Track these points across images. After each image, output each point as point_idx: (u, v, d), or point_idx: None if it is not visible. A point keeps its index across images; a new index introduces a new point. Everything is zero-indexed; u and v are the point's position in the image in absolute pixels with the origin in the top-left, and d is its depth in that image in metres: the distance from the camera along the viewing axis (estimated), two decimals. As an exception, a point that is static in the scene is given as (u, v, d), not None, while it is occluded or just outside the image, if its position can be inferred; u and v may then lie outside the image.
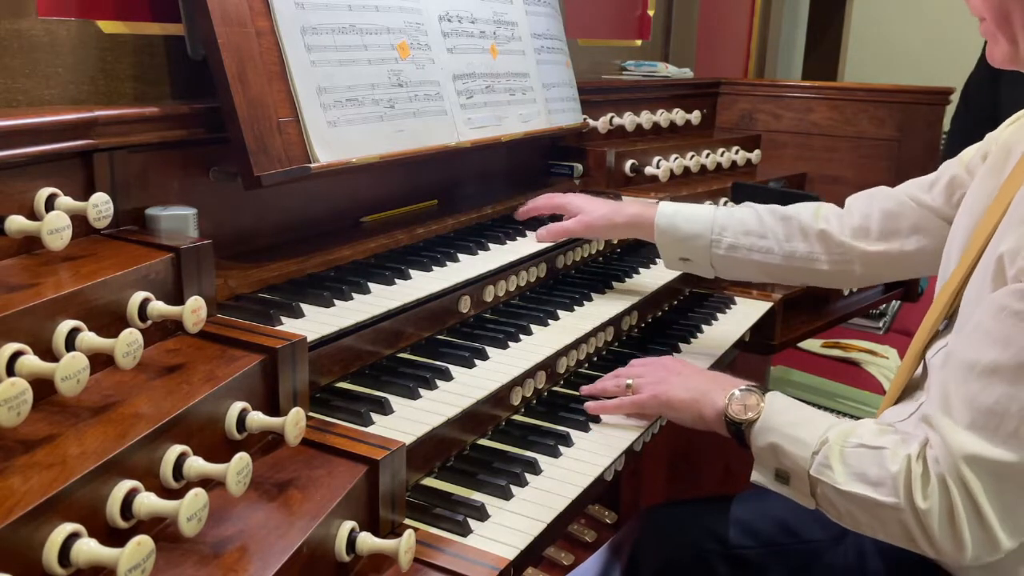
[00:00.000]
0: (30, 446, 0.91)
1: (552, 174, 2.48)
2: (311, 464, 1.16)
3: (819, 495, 1.31)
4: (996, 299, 1.16)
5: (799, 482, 1.33)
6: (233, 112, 1.42)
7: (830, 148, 3.07)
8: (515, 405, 1.56)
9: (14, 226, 1.12)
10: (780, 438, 1.35)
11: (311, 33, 1.57)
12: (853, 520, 1.29)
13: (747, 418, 1.40)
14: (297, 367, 1.25)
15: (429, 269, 1.68)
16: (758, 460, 1.40)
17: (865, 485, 1.25)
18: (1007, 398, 1.12)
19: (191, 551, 0.96)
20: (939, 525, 1.18)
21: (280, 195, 1.64)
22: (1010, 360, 1.12)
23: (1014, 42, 1.20)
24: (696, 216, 1.85)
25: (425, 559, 1.15)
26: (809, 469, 1.30)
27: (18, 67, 1.36)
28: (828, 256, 1.76)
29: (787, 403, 1.41)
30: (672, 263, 1.91)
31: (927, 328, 1.41)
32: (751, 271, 1.85)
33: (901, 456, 1.22)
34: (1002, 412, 1.13)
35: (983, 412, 1.14)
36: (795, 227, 1.78)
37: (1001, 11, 1.18)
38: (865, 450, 1.27)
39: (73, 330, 1.04)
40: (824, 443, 1.30)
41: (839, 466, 1.28)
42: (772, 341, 2.35)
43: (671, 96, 2.98)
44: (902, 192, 1.70)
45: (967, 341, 1.19)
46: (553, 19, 2.37)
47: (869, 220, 1.72)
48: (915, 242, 1.67)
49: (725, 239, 1.81)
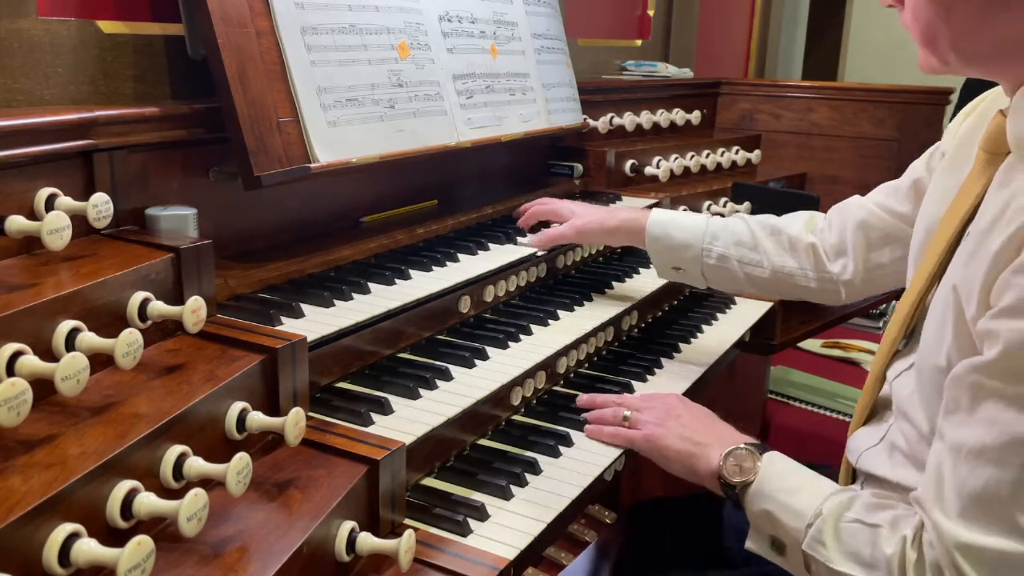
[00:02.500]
0: (30, 446, 0.92)
1: (552, 174, 2.48)
2: (311, 464, 1.16)
3: (813, 571, 1.25)
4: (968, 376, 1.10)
5: (794, 555, 1.27)
6: (233, 112, 1.42)
7: (830, 148, 3.07)
8: (515, 405, 1.56)
9: (14, 226, 1.12)
10: (774, 505, 1.29)
11: (311, 33, 1.57)
12: None
13: (741, 480, 1.33)
14: (297, 367, 1.25)
15: (429, 269, 1.68)
16: (753, 526, 1.34)
17: (859, 567, 1.19)
18: (995, 482, 1.06)
19: (191, 551, 0.96)
20: None
21: (280, 195, 1.64)
22: (995, 441, 1.07)
23: (944, 61, 1.16)
24: (689, 225, 1.82)
25: (425, 559, 1.15)
26: (802, 544, 1.24)
27: (18, 67, 1.36)
28: (816, 273, 1.73)
29: (785, 467, 1.34)
30: (664, 272, 1.88)
31: (886, 347, 1.36)
32: (742, 283, 1.81)
33: (896, 539, 1.17)
34: (991, 497, 1.07)
35: (973, 499, 1.08)
36: (785, 241, 1.76)
37: (928, 33, 1.15)
38: (860, 527, 1.21)
39: (73, 330, 1.04)
40: (819, 516, 1.23)
41: (833, 543, 1.21)
42: (772, 341, 2.35)
43: (671, 96, 2.99)
44: (870, 201, 1.67)
45: (949, 418, 1.13)
46: (553, 19, 2.37)
47: (844, 234, 1.69)
48: (888, 253, 1.64)
49: (715, 249, 1.78)
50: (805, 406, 3.49)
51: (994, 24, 1.10)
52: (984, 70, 1.18)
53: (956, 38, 1.13)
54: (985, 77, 1.22)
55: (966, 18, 1.11)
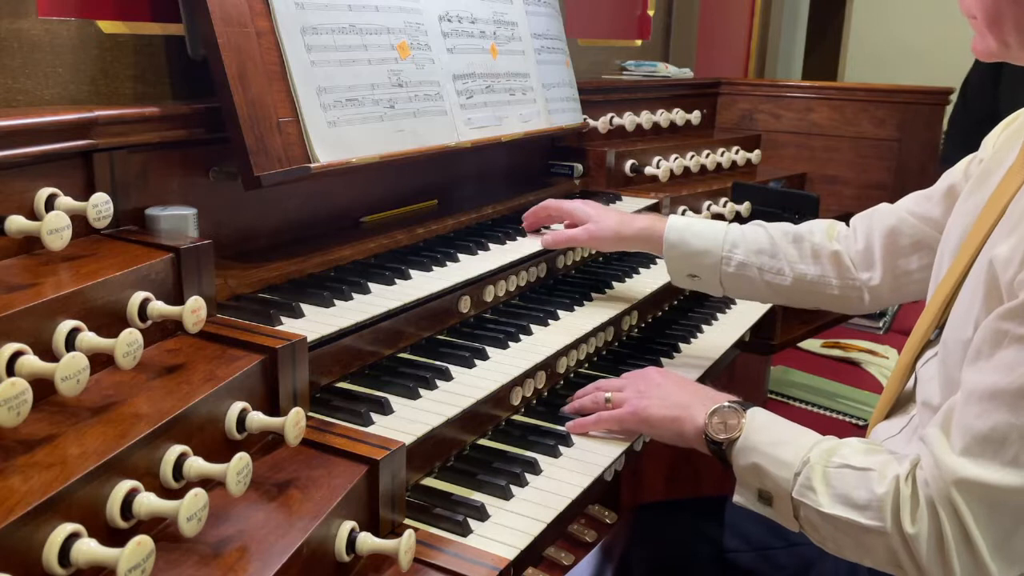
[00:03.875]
0: (30, 446, 0.92)
1: (552, 174, 2.48)
2: (311, 464, 1.16)
3: (802, 518, 1.26)
4: (995, 322, 1.11)
5: (782, 504, 1.28)
6: (233, 112, 1.42)
7: (830, 148, 3.07)
8: (515, 405, 1.56)
9: (14, 226, 1.12)
10: (761, 458, 1.29)
11: (311, 33, 1.57)
12: (836, 545, 1.24)
13: (727, 437, 1.34)
14: (297, 367, 1.26)
15: (429, 269, 1.68)
16: (740, 481, 1.35)
17: (849, 508, 1.19)
18: (1006, 425, 1.07)
19: (191, 551, 0.96)
20: (927, 552, 1.13)
21: (280, 195, 1.64)
22: (1010, 386, 1.08)
23: (1004, 43, 1.18)
24: (707, 232, 1.80)
25: (425, 559, 1.15)
26: (791, 491, 1.25)
27: (18, 67, 1.36)
28: (839, 280, 1.72)
29: (768, 420, 1.35)
30: (679, 279, 1.86)
31: (917, 338, 1.37)
32: (761, 291, 1.80)
33: (889, 477, 1.17)
34: (1000, 439, 1.08)
35: (979, 438, 1.10)
36: (807, 249, 1.74)
37: (993, 13, 1.17)
38: (850, 471, 1.22)
39: (73, 330, 1.04)
40: (806, 463, 1.25)
41: (822, 488, 1.22)
42: (772, 341, 2.35)
43: (671, 96, 2.99)
44: (902, 208, 1.66)
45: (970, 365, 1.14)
46: (553, 19, 2.37)
47: (871, 240, 1.68)
48: (917, 260, 1.63)
49: (736, 257, 1.76)
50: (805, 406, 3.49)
51: None
52: None
53: (1020, 16, 1.15)
54: None
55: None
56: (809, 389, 3.57)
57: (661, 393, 1.49)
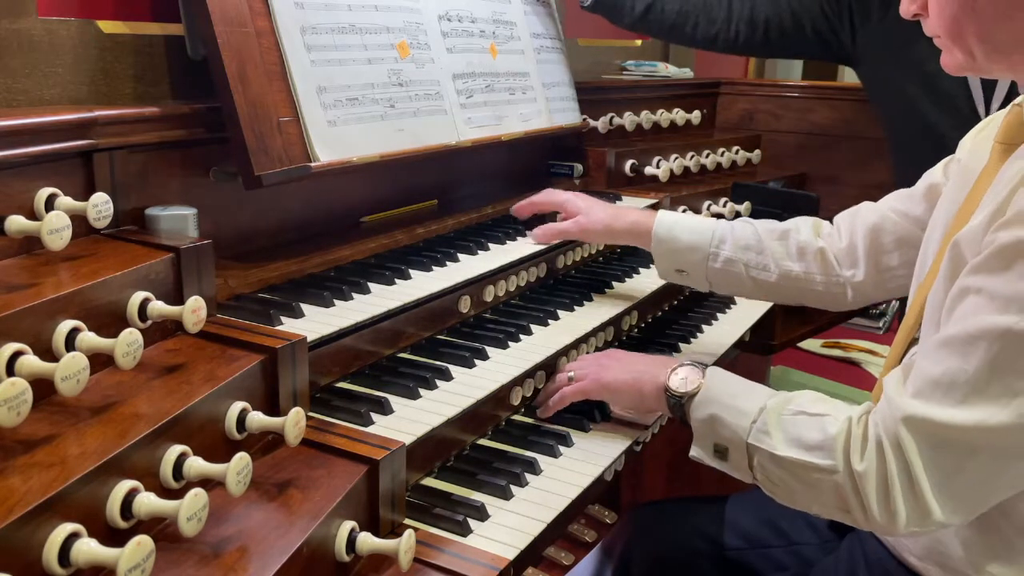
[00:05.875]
0: (30, 446, 0.92)
1: (552, 174, 2.48)
2: (311, 464, 1.16)
3: (756, 466, 1.29)
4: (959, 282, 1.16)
5: (737, 454, 1.32)
6: (233, 112, 1.42)
7: (830, 148, 3.06)
8: (515, 405, 1.56)
9: (14, 226, 1.12)
10: (719, 408, 1.34)
11: (311, 33, 1.57)
12: (787, 490, 1.28)
13: (688, 391, 1.39)
14: (297, 367, 1.26)
15: (429, 269, 1.68)
16: (697, 434, 1.39)
17: (802, 450, 1.23)
18: (956, 369, 1.11)
19: (191, 551, 0.96)
20: (874, 490, 1.16)
21: (280, 195, 1.64)
22: (961, 332, 1.12)
23: (970, 55, 1.20)
24: (695, 228, 1.82)
25: (425, 559, 1.15)
26: (747, 438, 1.29)
27: (18, 67, 1.36)
28: (824, 276, 1.74)
29: (727, 375, 1.42)
30: (667, 274, 1.88)
31: (903, 337, 1.38)
32: (746, 287, 1.82)
33: (842, 419, 1.21)
34: (949, 382, 1.12)
35: (930, 381, 1.14)
36: (793, 246, 1.76)
37: (954, 28, 1.19)
38: (805, 417, 1.26)
39: (73, 330, 1.04)
40: (763, 410, 1.29)
41: (777, 432, 1.26)
42: (772, 341, 2.35)
43: (671, 96, 2.98)
44: (884, 206, 1.68)
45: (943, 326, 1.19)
46: (551, 18, 2.38)
47: (855, 238, 1.70)
48: (899, 257, 1.65)
49: (723, 252, 1.78)
50: (805, 406, 3.49)
51: (1020, 11, 1.14)
52: (1008, 63, 1.21)
53: (982, 28, 1.17)
54: (1006, 73, 1.25)
55: (991, 7, 1.15)
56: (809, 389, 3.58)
57: (620, 363, 1.56)
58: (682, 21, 2.58)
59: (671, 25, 2.59)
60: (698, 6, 2.57)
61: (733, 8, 2.57)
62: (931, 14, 1.22)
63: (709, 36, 2.60)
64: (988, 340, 1.09)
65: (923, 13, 1.24)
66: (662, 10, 2.56)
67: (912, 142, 2.40)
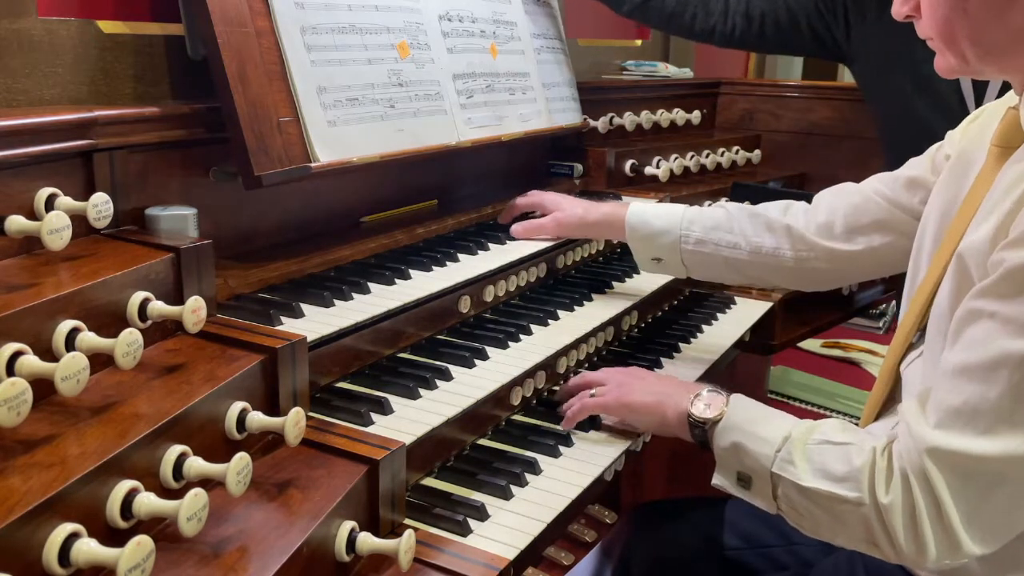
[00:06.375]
0: (30, 446, 0.92)
1: (552, 174, 2.48)
2: (311, 464, 1.16)
3: (780, 496, 1.27)
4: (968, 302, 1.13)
5: (761, 483, 1.29)
6: (233, 112, 1.42)
7: (830, 148, 3.06)
8: (515, 405, 1.56)
9: (14, 226, 1.12)
10: (743, 436, 1.32)
11: (311, 33, 1.57)
12: (813, 522, 1.25)
13: (711, 417, 1.37)
14: (297, 367, 1.26)
15: (429, 269, 1.68)
16: (720, 462, 1.36)
17: (828, 481, 1.21)
18: (978, 397, 1.09)
19: (191, 551, 0.96)
20: (901, 523, 1.14)
21: (280, 195, 1.64)
22: (980, 359, 1.10)
23: (962, 58, 1.20)
24: (666, 213, 1.84)
25: (425, 559, 1.15)
26: (771, 467, 1.27)
27: (18, 67, 1.36)
28: (793, 251, 1.74)
29: (750, 402, 1.39)
30: (645, 264, 1.90)
31: (900, 340, 1.38)
32: (720, 268, 1.83)
33: (867, 450, 1.19)
34: (972, 411, 1.09)
35: (951, 412, 1.11)
36: (761, 222, 1.77)
37: (946, 29, 1.18)
38: (830, 446, 1.24)
39: (73, 330, 1.04)
40: (787, 439, 1.27)
41: (802, 463, 1.24)
42: (772, 341, 2.35)
43: (671, 96, 2.98)
44: (867, 187, 1.68)
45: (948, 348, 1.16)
46: (552, 19, 2.37)
47: (834, 215, 1.70)
48: (879, 238, 1.65)
49: (693, 233, 1.80)
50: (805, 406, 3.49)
51: (1011, 11, 1.13)
52: (1000, 64, 1.20)
53: (973, 30, 1.16)
54: (998, 75, 1.24)
55: (982, 9, 1.14)
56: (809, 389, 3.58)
57: (643, 383, 1.54)
58: (681, 10, 2.59)
59: (670, 14, 2.60)
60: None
61: (730, 1, 2.58)
62: (923, 15, 1.21)
63: (707, 28, 2.61)
64: (1009, 367, 1.07)
65: (915, 15, 1.23)
66: (662, 0, 2.57)
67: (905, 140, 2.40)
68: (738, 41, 2.63)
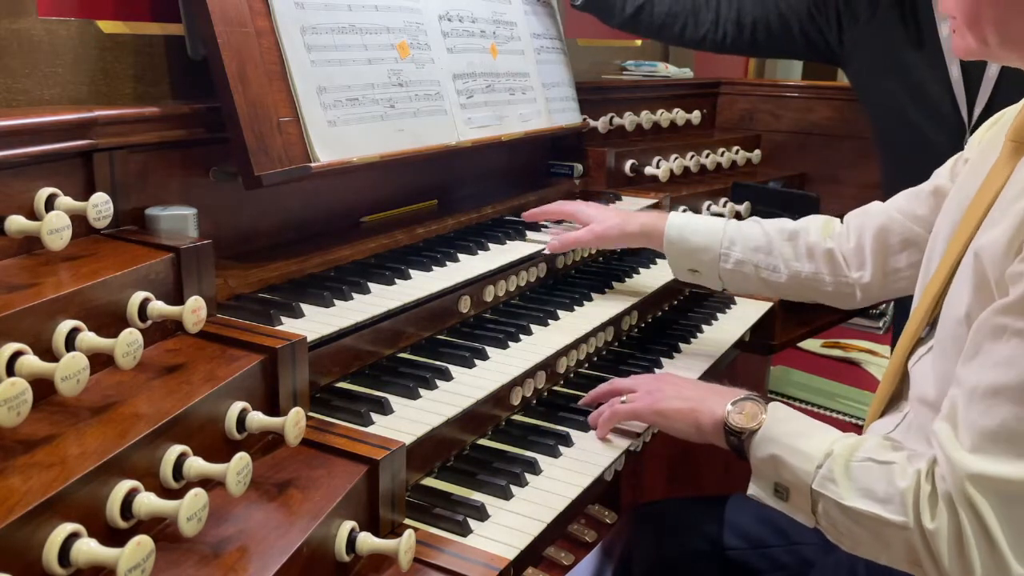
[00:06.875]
0: (30, 446, 0.92)
1: (552, 174, 2.48)
2: (311, 464, 1.16)
3: (820, 512, 1.25)
4: (992, 318, 1.12)
5: (800, 497, 1.27)
6: (233, 112, 1.42)
7: (830, 148, 3.06)
8: (515, 405, 1.56)
9: (14, 226, 1.12)
10: (782, 449, 1.28)
11: (311, 33, 1.57)
12: (853, 540, 1.23)
13: (748, 427, 1.33)
14: (297, 367, 1.26)
15: (429, 269, 1.68)
16: (756, 473, 1.34)
17: (872, 502, 1.18)
18: (1014, 419, 1.07)
19: (191, 551, 0.96)
20: (947, 548, 1.11)
21: (280, 195, 1.64)
22: (1014, 380, 1.08)
23: (983, 42, 1.19)
24: (706, 229, 1.84)
25: (425, 559, 1.15)
26: (812, 483, 1.23)
27: (18, 67, 1.36)
28: (833, 277, 1.75)
29: (790, 413, 1.35)
30: (681, 273, 1.91)
31: (908, 336, 1.37)
32: (758, 287, 1.84)
33: (911, 472, 1.16)
34: (1010, 434, 1.08)
35: (988, 435, 1.09)
36: (802, 247, 1.77)
37: (972, 11, 1.18)
38: (873, 464, 1.20)
39: (73, 330, 1.04)
40: (829, 456, 1.23)
41: (845, 481, 1.21)
42: (772, 341, 2.34)
43: (671, 96, 2.98)
44: (892, 207, 1.68)
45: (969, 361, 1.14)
46: (551, 18, 2.38)
47: (863, 239, 1.70)
48: (906, 258, 1.65)
49: (734, 254, 1.80)
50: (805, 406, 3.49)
51: None
52: (1020, 52, 1.20)
53: (999, 16, 1.16)
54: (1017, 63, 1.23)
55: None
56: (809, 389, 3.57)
57: (675, 388, 1.51)
58: (671, 22, 2.60)
59: (660, 25, 2.61)
60: (687, 8, 2.59)
61: (721, 10, 2.58)
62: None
63: (697, 37, 2.63)
64: None
65: None
66: (651, 12, 2.58)
67: (897, 143, 2.42)
68: (730, 47, 2.64)
